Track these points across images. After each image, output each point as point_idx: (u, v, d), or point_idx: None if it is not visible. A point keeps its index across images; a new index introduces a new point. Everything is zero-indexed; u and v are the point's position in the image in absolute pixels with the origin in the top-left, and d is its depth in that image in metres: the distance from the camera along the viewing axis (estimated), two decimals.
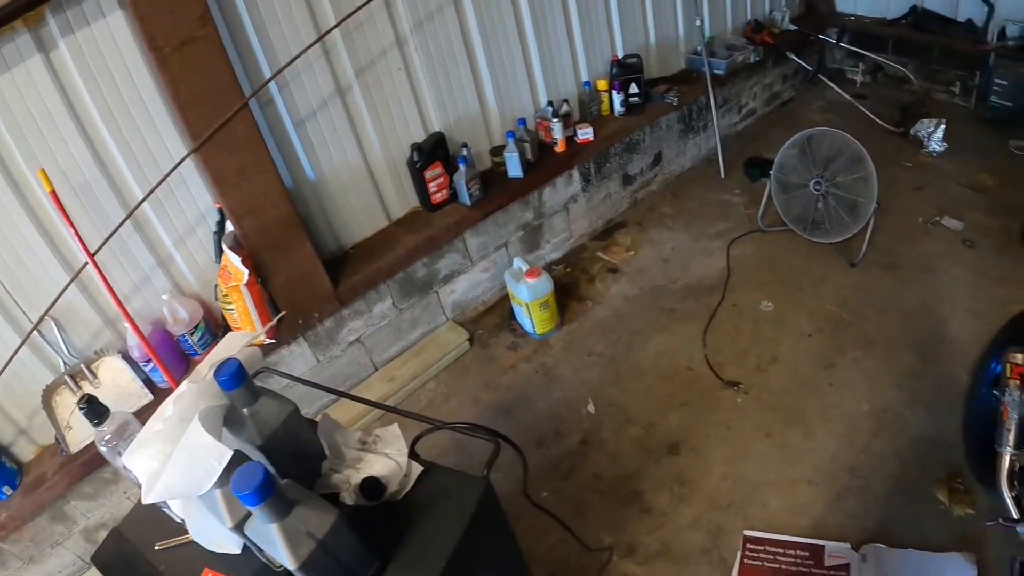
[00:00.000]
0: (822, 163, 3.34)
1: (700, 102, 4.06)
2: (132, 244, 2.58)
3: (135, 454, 1.26)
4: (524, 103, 3.45)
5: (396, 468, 1.44)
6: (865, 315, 3.07)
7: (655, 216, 3.99)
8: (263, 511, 1.08)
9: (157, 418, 1.28)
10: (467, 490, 1.41)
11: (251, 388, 1.27)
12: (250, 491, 1.04)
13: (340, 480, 1.43)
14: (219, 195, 2.55)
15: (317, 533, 1.13)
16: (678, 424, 2.74)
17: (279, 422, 1.30)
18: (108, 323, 2.67)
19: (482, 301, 3.51)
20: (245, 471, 1.06)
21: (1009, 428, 2.01)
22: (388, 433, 1.53)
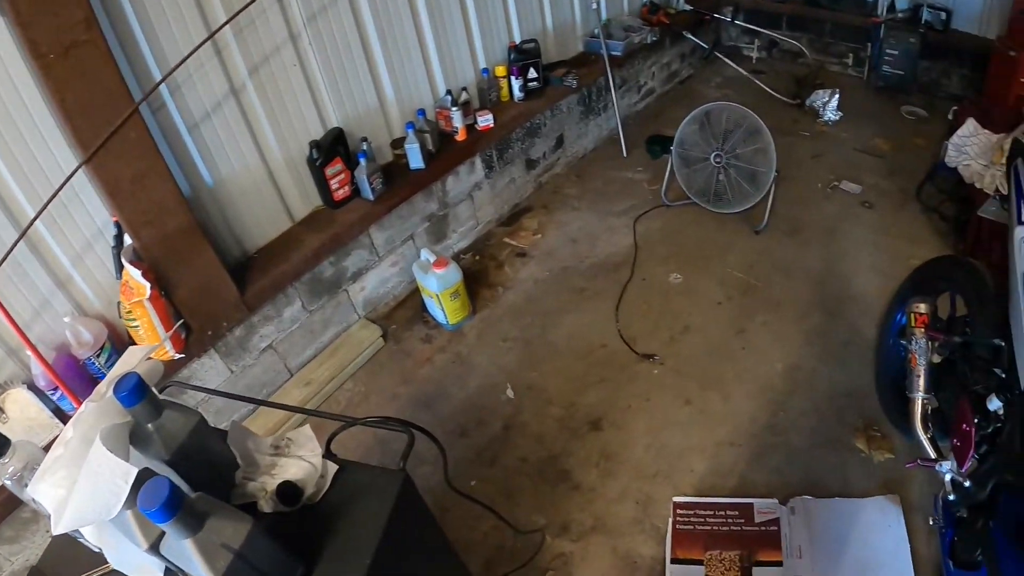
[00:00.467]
0: (721, 137, 3.53)
1: (599, 84, 4.23)
2: (28, 266, 2.50)
3: (40, 483, 1.21)
4: (423, 93, 3.51)
5: (311, 470, 1.44)
6: (772, 279, 3.27)
7: (560, 198, 4.13)
8: (174, 527, 1.06)
9: (59, 443, 1.24)
10: (385, 484, 1.43)
11: (153, 402, 1.24)
12: (157, 507, 1.02)
13: (256, 488, 1.42)
14: (115, 207, 2.51)
15: (233, 544, 1.12)
16: (598, 400, 2.86)
17: (185, 434, 1.27)
18: (10, 353, 2.58)
19: (393, 296, 3.55)
20: (150, 487, 1.05)
21: (918, 374, 2.19)
22: (300, 435, 1.52)
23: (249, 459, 1.45)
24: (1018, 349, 1.85)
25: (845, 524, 2.30)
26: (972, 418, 1.87)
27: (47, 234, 2.51)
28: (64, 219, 2.53)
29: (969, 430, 1.87)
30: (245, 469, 1.44)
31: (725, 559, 2.26)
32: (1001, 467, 1.76)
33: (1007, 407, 1.82)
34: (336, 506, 1.41)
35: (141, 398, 1.19)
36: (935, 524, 2.00)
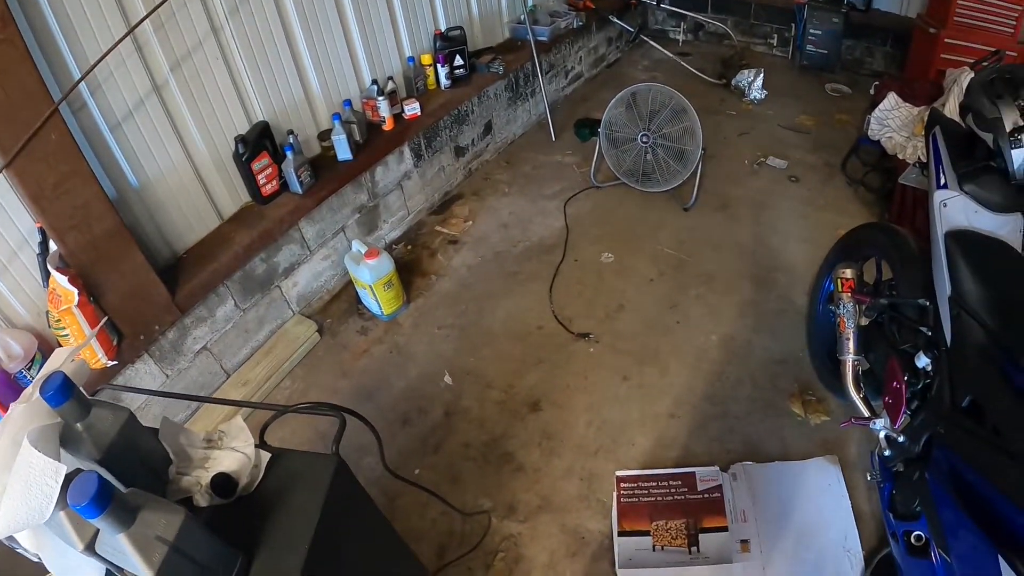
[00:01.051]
0: (648, 117, 3.63)
1: (526, 69, 4.29)
2: None
3: None
4: (349, 84, 3.53)
5: (245, 460, 1.43)
6: (703, 254, 3.38)
7: (491, 184, 4.20)
8: (106, 522, 1.04)
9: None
10: (319, 470, 1.43)
11: (80, 400, 1.22)
12: (87, 502, 1.01)
13: (190, 483, 1.40)
14: (38, 212, 2.45)
15: (167, 536, 1.11)
16: (536, 382, 2.93)
17: (115, 432, 1.26)
18: None
19: (326, 290, 3.56)
20: (79, 483, 1.03)
21: (848, 337, 2.29)
22: (233, 427, 1.51)
23: (182, 454, 1.45)
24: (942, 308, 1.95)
25: (787, 486, 2.41)
26: (902, 376, 1.98)
27: None
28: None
29: (900, 387, 1.97)
30: (178, 464, 1.43)
31: (671, 528, 2.35)
32: (932, 421, 1.84)
33: (935, 363, 1.94)
34: (271, 494, 1.41)
35: (68, 397, 1.18)
36: (873, 480, 2.08)
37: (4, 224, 2.51)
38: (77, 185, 2.49)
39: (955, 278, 1.93)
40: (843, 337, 2.31)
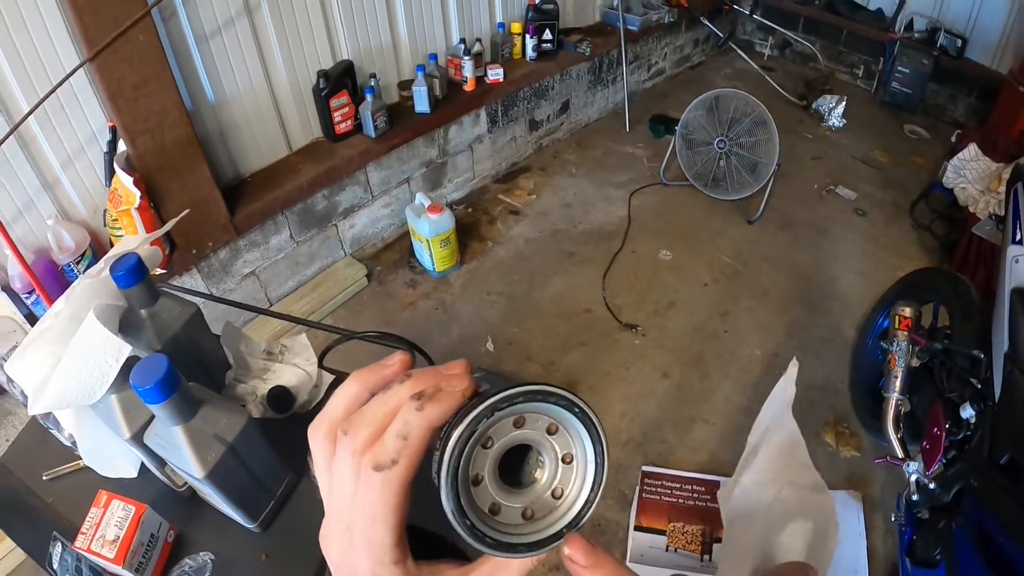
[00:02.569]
0: (727, 124, 3.55)
1: (612, 56, 4.21)
2: (16, 164, 2.43)
3: (20, 359, 1.13)
4: (436, 38, 3.49)
5: (305, 378, 1.41)
6: (760, 269, 3.30)
7: (559, 163, 4.14)
8: (166, 410, 0.98)
9: (47, 316, 1.16)
10: None
11: (150, 286, 1.17)
12: (152, 384, 0.94)
13: (246, 391, 1.37)
14: (114, 111, 2.44)
15: (226, 436, 1.05)
16: (577, 363, 2.88)
17: (179, 325, 1.21)
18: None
19: (381, 237, 3.54)
20: (147, 363, 0.96)
21: (896, 375, 2.24)
22: (296, 343, 1.49)
23: (241, 361, 1.42)
24: (996, 363, 1.91)
25: None
26: (944, 423, 1.92)
27: (39, 132, 2.44)
28: (59, 118, 2.46)
29: (940, 434, 1.91)
30: (236, 371, 1.41)
31: (688, 532, 2.29)
32: (968, 473, 1.80)
33: (979, 416, 1.88)
34: None
35: (138, 281, 1.13)
36: (896, 522, 2.05)
37: (77, 118, 2.51)
38: (156, 90, 2.48)
39: (1015, 335, 1.88)
40: (891, 374, 2.25)
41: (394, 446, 0.42)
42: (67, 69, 2.31)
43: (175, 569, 1.18)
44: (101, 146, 2.60)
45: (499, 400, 0.42)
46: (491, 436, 0.44)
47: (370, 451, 0.43)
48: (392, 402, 0.44)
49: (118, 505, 1.14)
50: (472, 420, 0.42)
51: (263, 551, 1.20)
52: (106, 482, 1.33)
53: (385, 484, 0.43)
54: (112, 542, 1.10)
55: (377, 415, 0.44)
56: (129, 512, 1.13)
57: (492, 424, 0.43)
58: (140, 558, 1.13)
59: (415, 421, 0.43)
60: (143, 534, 1.13)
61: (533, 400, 0.43)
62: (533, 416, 0.46)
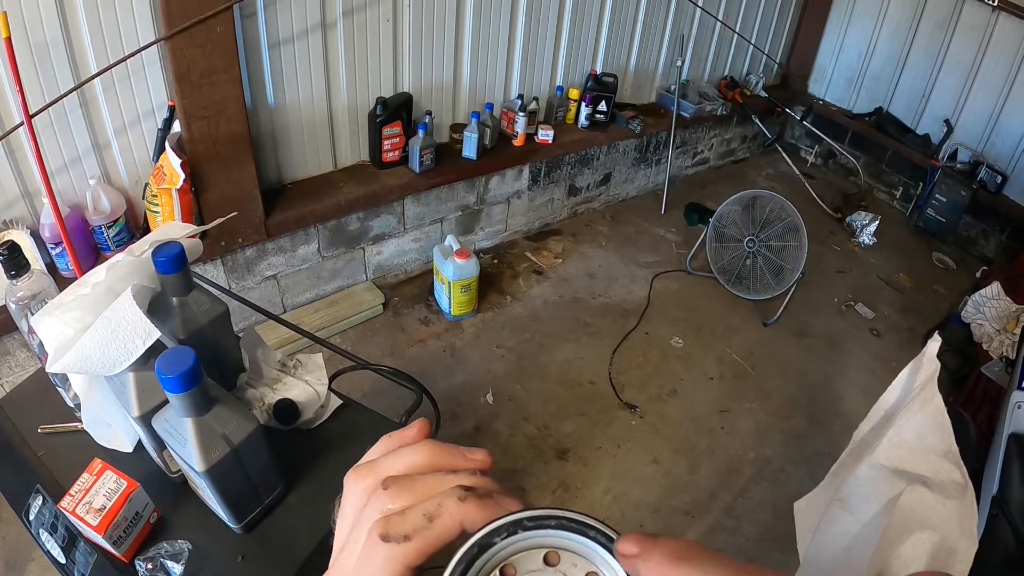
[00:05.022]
0: (760, 224, 3.59)
1: (660, 137, 4.28)
2: (72, 119, 2.50)
3: (48, 316, 1.15)
4: (496, 89, 3.56)
5: (314, 396, 1.44)
6: (768, 372, 3.31)
7: (590, 232, 4.18)
8: (183, 401, 1.02)
9: (82, 283, 1.18)
10: (381, 433, 1.43)
11: (187, 277, 1.21)
12: (176, 375, 0.98)
13: (254, 396, 1.41)
14: (177, 92, 2.51)
15: (233, 438, 1.09)
16: (572, 432, 2.88)
17: (207, 320, 1.25)
18: (25, 195, 2.57)
19: (405, 270, 3.57)
20: (175, 353, 1.01)
21: None
22: (311, 361, 1.52)
23: (255, 367, 1.46)
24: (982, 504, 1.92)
25: None
26: None
27: (101, 94, 2.51)
28: (123, 86, 2.53)
29: None
30: (250, 375, 1.44)
31: None
32: None
33: None
34: (328, 439, 1.43)
35: (177, 270, 1.18)
36: None
37: (140, 90, 2.58)
38: (222, 82, 2.55)
39: (1005, 479, 1.91)
40: None
41: (414, 522, 0.39)
42: (142, 42, 2.39)
43: (151, 549, 1.20)
44: (156, 122, 2.67)
45: (525, 517, 0.38)
46: (515, 566, 0.40)
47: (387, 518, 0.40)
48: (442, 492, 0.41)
49: (110, 477, 1.17)
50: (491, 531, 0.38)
51: (240, 552, 1.23)
52: (99, 450, 1.37)
53: (388, 558, 0.39)
54: (98, 511, 1.13)
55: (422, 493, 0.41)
56: (120, 486, 1.16)
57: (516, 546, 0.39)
58: (121, 532, 1.16)
59: (450, 508, 0.39)
60: (129, 510, 1.16)
61: (566, 529, 0.38)
62: (570, 557, 0.40)
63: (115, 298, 1.12)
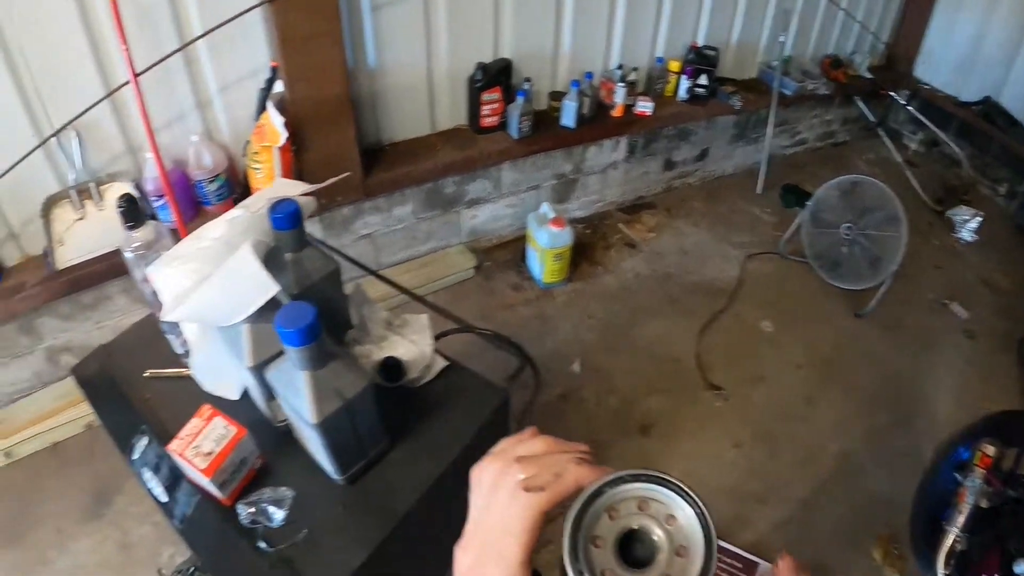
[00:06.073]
0: (858, 211, 3.57)
1: (759, 115, 4.26)
2: (176, 78, 2.63)
3: (167, 266, 1.21)
4: (596, 58, 3.59)
5: (419, 355, 1.47)
6: (855, 365, 3.30)
7: (685, 208, 4.20)
8: (301, 355, 1.07)
9: (201, 236, 1.25)
10: (485, 397, 1.48)
11: (301, 234, 1.26)
12: (297, 329, 1.03)
13: (361, 353, 1.46)
14: (280, 54, 2.61)
15: (346, 393, 1.13)
16: (655, 408, 2.94)
17: (318, 276, 1.29)
18: (130, 150, 2.72)
19: (498, 235, 3.66)
20: (295, 308, 1.06)
21: (962, 511, 2.17)
22: (416, 321, 1.56)
23: (362, 325, 1.51)
24: None
25: None
26: (994, 573, 1.94)
27: (205, 54, 2.64)
28: (226, 47, 2.65)
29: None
30: (357, 332, 1.49)
31: None
32: None
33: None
34: (432, 399, 1.46)
35: (293, 227, 1.22)
36: None
37: (243, 51, 2.69)
38: (325, 44, 2.64)
39: None
40: (958, 509, 2.19)
41: (546, 478, 0.57)
42: (246, 3, 2.48)
43: (254, 494, 1.27)
44: (259, 82, 2.77)
45: (625, 474, 0.57)
46: (617, 508, 0.57)
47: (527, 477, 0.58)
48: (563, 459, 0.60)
49: (220, 423, 1.24)
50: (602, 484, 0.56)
51: (341, 503, 1.29)
52: (205, 397, 1.45)
53: (527, 504, 0.56)
54: (206, 455, 1.19)
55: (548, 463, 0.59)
56: (229, 432, 1.23)
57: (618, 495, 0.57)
58: (227, 476, 1.23)
59: (571, 468, 0.58)
60: (236, 456, 1.23)
61: (653, 482, 0.57)
62: (655, 505, 0.58)
63: (232, 252, 1.19)
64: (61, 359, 2.94)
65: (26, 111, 2.46)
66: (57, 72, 2.44)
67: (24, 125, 2.48)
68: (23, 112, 2.46)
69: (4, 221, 2.68)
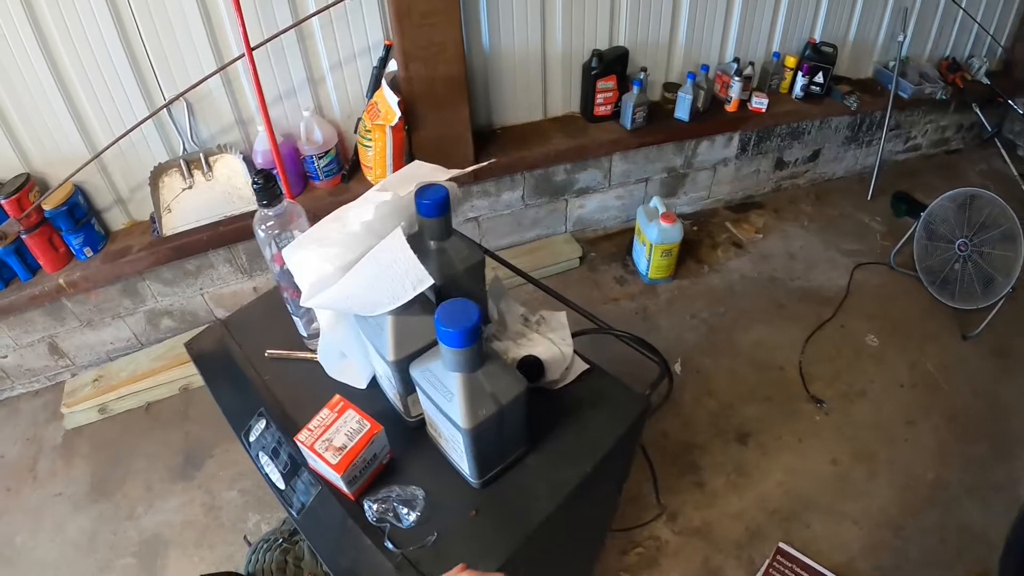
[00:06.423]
0: (974, 227, 3.47)
1: (874, 117, 4.15)
2: (289, 53, 2.69)
3: (301, 249, 1.18)
4: (712, 50, 3.54)
5: (559, 356, 1.41)
6: (959, 389, 3.20)
7: (793, 210, 4.13)
8: (459, 356, 1.02)
9: (338, 218, 1.21)
10: (625, 403, 1.42)
11: (448, 221, 1.21)
12: (461, 330, 0.97)
13: (499, 350, 1.40)
14: (397, 32, 2.63)
15: (501, 398, 1.08)
16: (755, 416, 2.91)
17: (463, 267, 1.24)
18: (240, 122, 2.81)
19: (604, 226, 3.66)
20: (458, 306, 1.00)
21: None
22: (554, 318, 1.51)
23: (500, 320, 1.48)
24: None
25: None
26: None
27: (318, 31, 2.69)
28: (340, 24, 2.70)
29: None
30: (495, 327, 1.46)
31: None
32: None
33: None
34: (572, 403, 1.40)
35: (441, 214, 1.17)
36: None
37: (356, 29, 2.73)
38: (441, 23, 2.65)
39: None
40: None
41: None
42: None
43: (383, 491, 1.24)
44: (372, 60, 2.82)
45: None
46: None
47: None
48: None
49: (352, 416, 1.21)
50: None
51: (474, 507, 1.24)
52: (327, 383, 1.44)
53: None
54: (338, 449, 1.16)
55: None
56: (363, 427, 1.19)
57: None
58: (356, 472, 1.20)
59: None
60: (368, 452, 1.19)
61: None
62: None
63: (374, 237, 1.15)
64: (161, 322, 3.07)
65: (138, 81, 2.55)
66: (170, 43, 2.52)
67: (136, 94, 2.58)
68: (135, 82, 2.55)
69: (112, 187, 2.79)
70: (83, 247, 2.75)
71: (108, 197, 2.82)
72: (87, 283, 2.76)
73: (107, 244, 2.84)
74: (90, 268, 2.74)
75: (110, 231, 2.89)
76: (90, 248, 2.77)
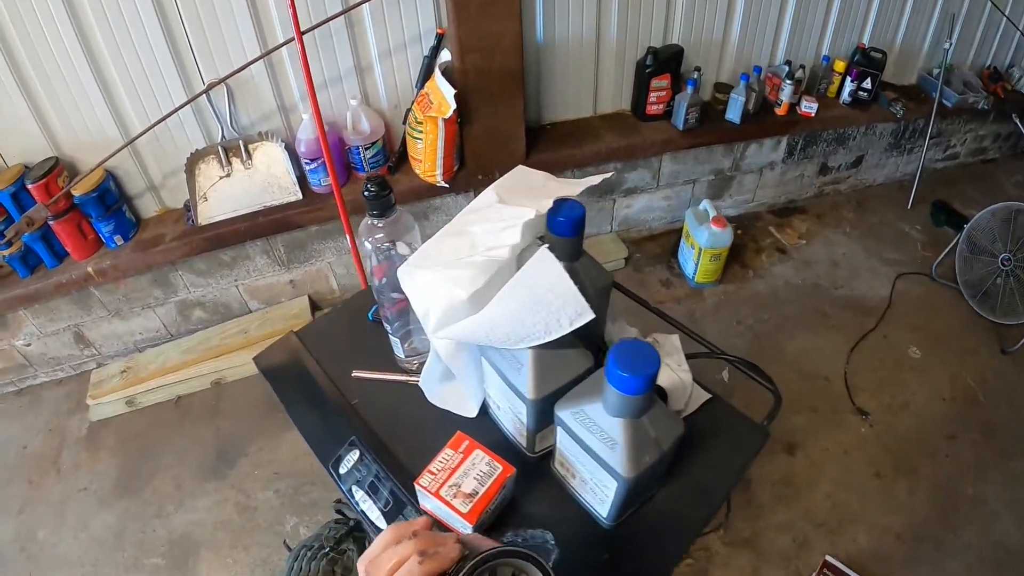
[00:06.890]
0: (1018, 242, 3.49)
1: (917, 124, 4.16)
2: (337, 40, 2.66)
3: (426, 271, 1.05)
4: (763, 52, 3.53)
5: (679, 383, 1.32)
6: (998, 404, 3.22)
7: (835, 216, 4.13)
8: (631, 403, 0.92)
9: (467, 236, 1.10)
10: (746, 435, 1.37)
11: (580, 242, 1.10)
12: (642, 376, 0.87)
13: None
14: (454, 22, 2.59)
15: (663, 444, 0.98)
16: (800, 427, 2.93)
17: (594, 291, 1.12)
18: (282, 110, 2.77)
19: (650, 227, 3.66)
20: (635, 349, 0.89)
21: None
22: (668, 342, 1.42)
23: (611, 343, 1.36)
24: None
25: None
26: None
27: (368, 18, 2.65)
28: (391, 12, 2.66)
29: None
30: None
31: None
32: None
33: None
34: (693, 436, 1.28)
35: (576, 234, 1.07)
36: None
37: (407, 17, 2.70)
38: (500, 14, 2.61)
39: None
40: None
41: None
42: None
43: (508, 534, 1.12)
44: (423, 49, 2.78)
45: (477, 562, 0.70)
46: None
47: None
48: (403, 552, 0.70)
49: (481, 457, 1.06)
50: None
51: (608, 549, 1.14)
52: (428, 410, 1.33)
53: None
54: (468, 496, 1.02)
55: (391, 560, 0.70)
56: (494, 470, 1.05)
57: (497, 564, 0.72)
58: (486, 519, 1.06)
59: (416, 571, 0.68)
60: (499, 497, 1.06)
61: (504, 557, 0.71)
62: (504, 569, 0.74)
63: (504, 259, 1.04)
64: (193, 314, 3.05)
65: (176, 64, 2.52)
66: (212, 26, 2.48)
67: (174, 78, 2.54)
68: (173, 65, 2.51)
69: (145, 173, 2.75)
70: (113, 235, 2.72)
71: (140, 183, 2.79)
72: (117, 272, 2.74)
73: (138, 232, 2.82)
74: (120, 256, 2.72)
75: (141, 218, 2.87)
76: (120, 236, 2.74)
